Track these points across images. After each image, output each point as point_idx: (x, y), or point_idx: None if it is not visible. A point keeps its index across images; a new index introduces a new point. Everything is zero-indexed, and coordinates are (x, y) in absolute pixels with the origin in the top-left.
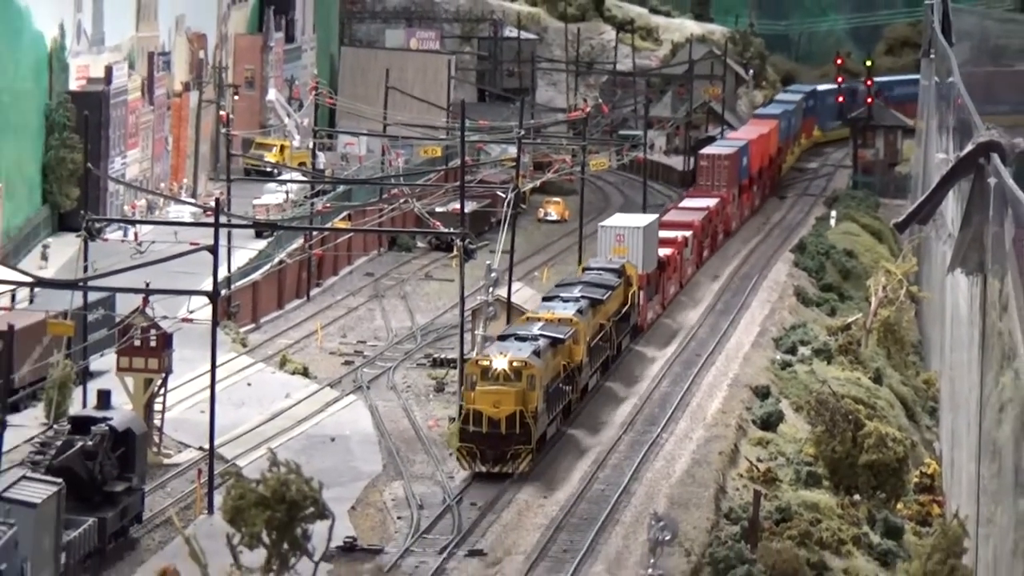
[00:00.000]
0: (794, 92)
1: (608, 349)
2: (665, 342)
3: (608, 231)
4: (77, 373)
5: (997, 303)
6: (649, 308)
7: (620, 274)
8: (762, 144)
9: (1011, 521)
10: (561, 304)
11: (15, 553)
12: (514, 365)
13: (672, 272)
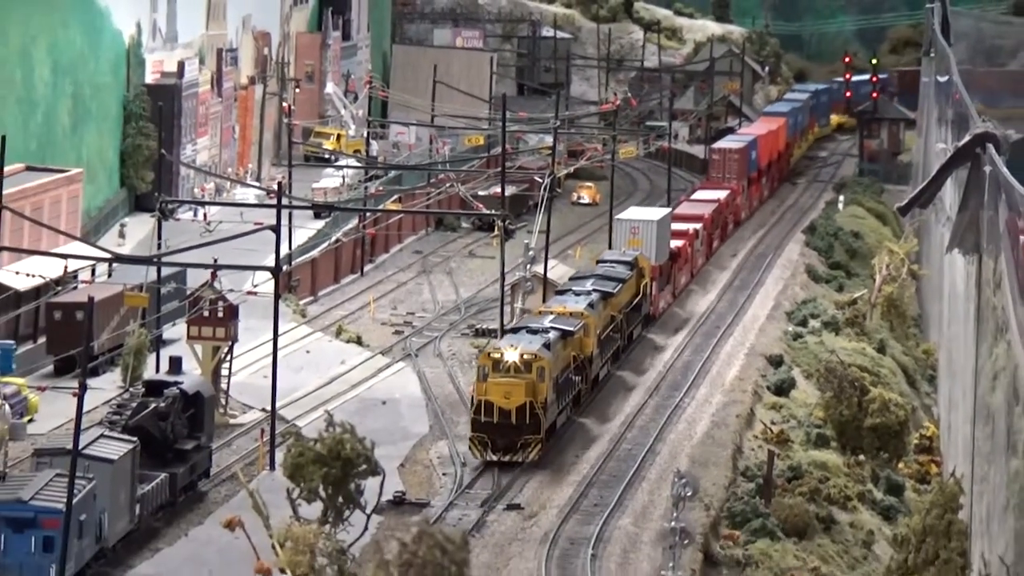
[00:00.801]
0: (802, 91)
1: (619, 340)
2: (675, 329)
3: (623, 224)
4: (151, 341)
5: (991, 280)
6: (661, 298)
7: (632, 267)
8: (771, 139)
9: (1003, 479)
10: (573, 298)
11: (94, 505)
12: (524, 358)
13: (684, 263)
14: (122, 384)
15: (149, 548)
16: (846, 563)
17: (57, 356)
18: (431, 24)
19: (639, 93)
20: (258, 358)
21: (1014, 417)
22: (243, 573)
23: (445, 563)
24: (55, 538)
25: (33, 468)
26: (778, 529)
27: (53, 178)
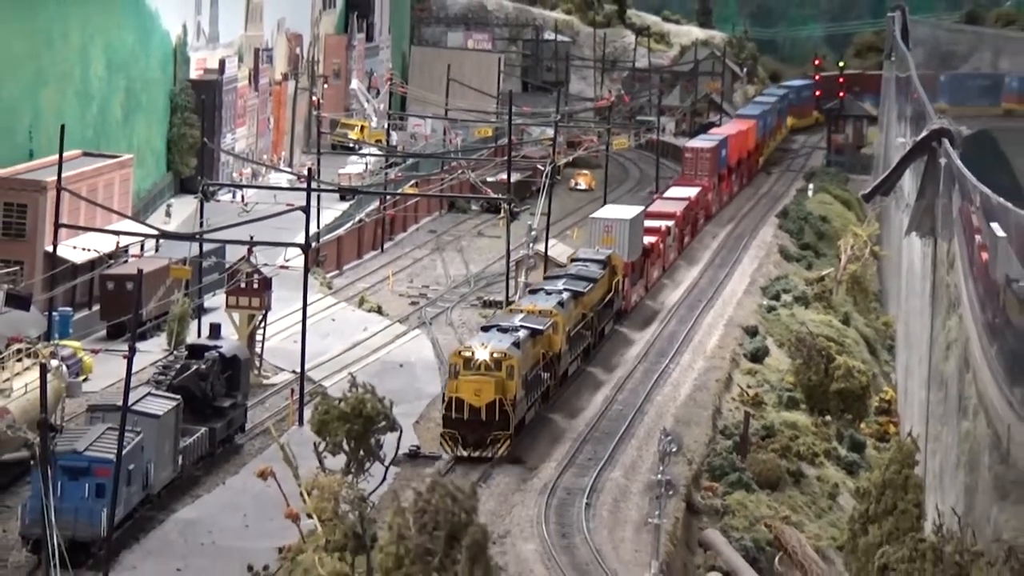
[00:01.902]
0: (770, 95)
1: (590, 336)
2: (646, 321)
3: (597, 223)
4: (193, 309)
5: (945, 261)
6: (634, 292)
7: (605, 265)
8: (740, 139)
9: (954, 439)
10: (544, 296)
11: (141, 456)
12: (495, 356)
13: (656, 258)
14: (167, 348)
15: (190, 495)
16: (813, 512)
17: (109, 322)
18: (445, 28)
19: (631, 91)
20: (289, 325)
21: (964, 383)
22: (274, 518)
23: (455, 510)
24: (106, 485)
25: (87, 422)
26: (753, 482)
27: (107, 163)
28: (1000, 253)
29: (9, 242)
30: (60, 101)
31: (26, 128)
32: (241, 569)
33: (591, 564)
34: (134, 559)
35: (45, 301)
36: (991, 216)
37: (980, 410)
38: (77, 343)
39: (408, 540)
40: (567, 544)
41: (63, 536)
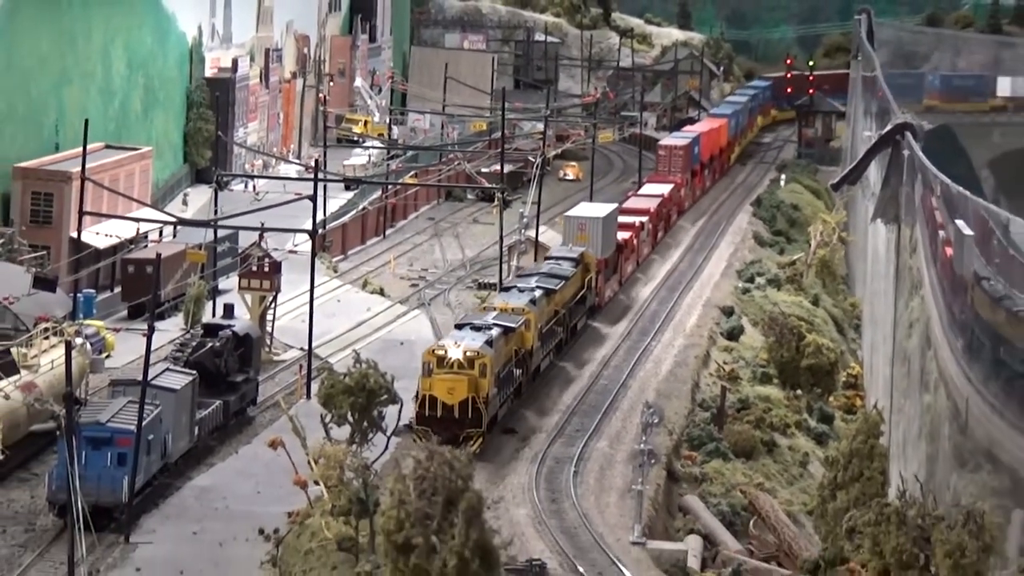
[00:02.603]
0: (741, 94)
1: (562, 332)
2: (619, 315)
3: (572, 221)
4: (208, 291)
5: (908, 246)
6: (607, 287)
7: (578, 263)
8: (713, 136)
9: (916, 411)
10: (517, 294)
11: (160, 427)
12: (467, 355)
13: (630, 253)
14: (184, 326)
15: (205, 463)
16: (786, 480)
17: (130, 303)
18: (443, 29)
19: (615, 88)
20: (297, 306)
21: (926, 360)
22: (284, 485)
23: (453, 477)
24: (127, 454)
25: (109, 396)
26: (729, 451)
27: (128, 155)
28: (966, 250)
29: (37, 228)
30: (84, 97)
31: (52, 122)
32: (253, 532)
33: (579, 527)
34: (153, 523)
35: (70, 283)
36: (951, 204)
37: (940, 384)
38: (100, 322)
39: (408, 505)
40: (556, 509)
41: (87, 502)
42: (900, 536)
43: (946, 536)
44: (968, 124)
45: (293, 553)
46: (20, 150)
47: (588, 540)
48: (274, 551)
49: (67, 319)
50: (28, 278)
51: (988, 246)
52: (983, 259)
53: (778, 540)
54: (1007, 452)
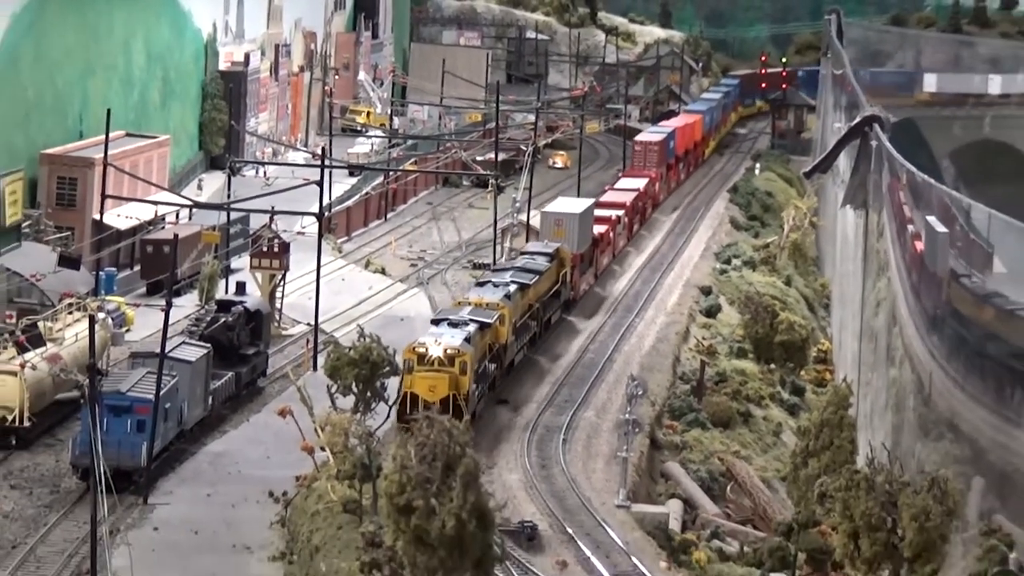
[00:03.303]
0: (715, 91)
1: (535, 326)
2: (594, 308)
3: (548, 216)
4: (221, 269)
5: (875, 230)
6: (583, 281)
7: (552, 258)
8: (687, 131)
9: (883, 384)
10: (492, 289)
11: (176, 396)
12: (448, 352)
13: (606, 246)
14: (199, 303)
15: (219, 430)
16: (760, 448)
17: (148, 281)
18: (440, 27)
19: (601, 82)
20: (304, 284)
21: (892, 336)
22: (292, 451)
23: (451, 444)
24: (146, 421)
25: (129, 367)
26: (707, 421)
27: (147, 142)
28: (940, 247)
29: (62, 211)
30: (106, 88)
31: (76, 112)
32: (263, 495)
33: (567, 491)
34: (170, 486)
35: (93, 262)
36: (916, 192)
37: (905, 360)
38: (121, 298)
39: (409, 469)
40: (546, 474)
41: (108, 465)
42: (868, 501)
43: (912, 501)
44: (931, 117)
45: (301, 514)
46: (47, 137)
47: (576, 503)
48: (283, 512)
49: (90, 295)
50: (54, 257)
51: (952, 230)
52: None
53: (753, 504)
54: (967, 423)
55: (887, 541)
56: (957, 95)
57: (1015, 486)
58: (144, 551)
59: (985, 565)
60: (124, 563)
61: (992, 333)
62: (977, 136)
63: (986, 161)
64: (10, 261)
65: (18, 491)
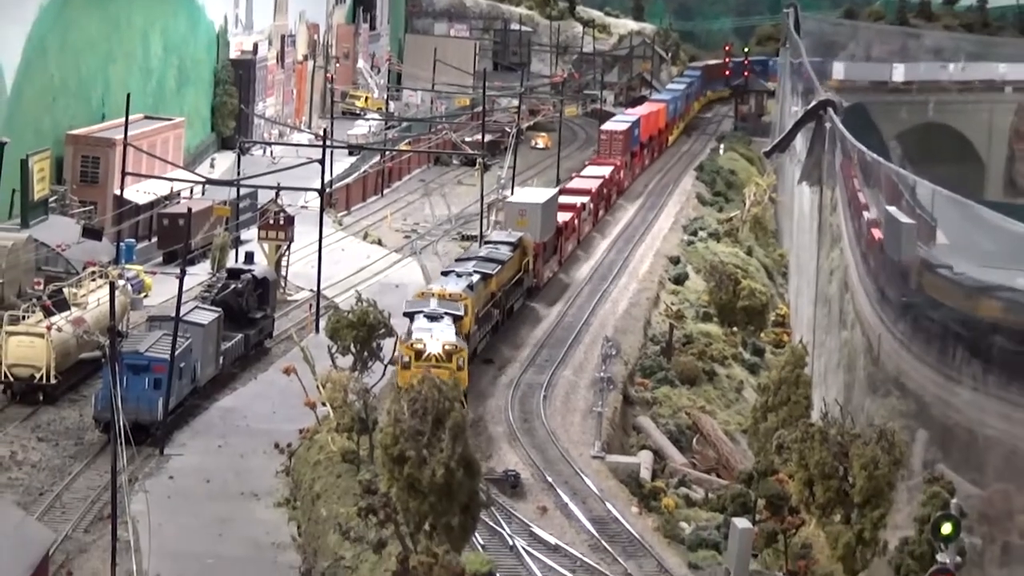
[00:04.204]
0: (679, 82)
1: (497, 315)
2: (559, 293)
3: (512, 207)
4: (231, 240)
5: (829, 205)
6: (547, 268)
7: (515, 247)
8: (652, 119)
9: (836, 345)
10: (455, 279)
11: (190, 356)
12: (446, 348)
13: (571, 233)
14: (211, 271)
15: (229, 387)
16: (724, 403)
17: (165, 251)
18: (432, 20)
19: (579, 70)
20: (307, 253)
21: (844, 302)
22: (296, 406)
23: (441, 400)
24: (162, 379)
25: (147, 329)
26: (676, 379)
27: (163, 124)
28: (905, 238)
29: (86, 187)
30: (126, 75)
31: (99, 96)
32: (269, 446)
33: (547, 443)
34: (184, 438)
35: (114, 234)
36: (867, 170)
37: (856, 323)
38: (139, 267)
39: (402, 423)
40: (528, 427)
41: (127, 419)
42: (822, 451)
43: (862, 451)
44: (879, 102)
45: (303, 464)
46: (72, 119)
47: (555, 454)
48: (287, 462)
49: (111, 264)
50: (78, 229)
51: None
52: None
53: (717, 455)
54: (912, 381)
55: (839, 488)
56: (864, 82)
57: (956, 438)
58: (160, 497)
59: (929, 510)
60: (142, 508)
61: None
62: (921, 120)
63: (929, 142)
64: (38, 233)
65: (45, 443)
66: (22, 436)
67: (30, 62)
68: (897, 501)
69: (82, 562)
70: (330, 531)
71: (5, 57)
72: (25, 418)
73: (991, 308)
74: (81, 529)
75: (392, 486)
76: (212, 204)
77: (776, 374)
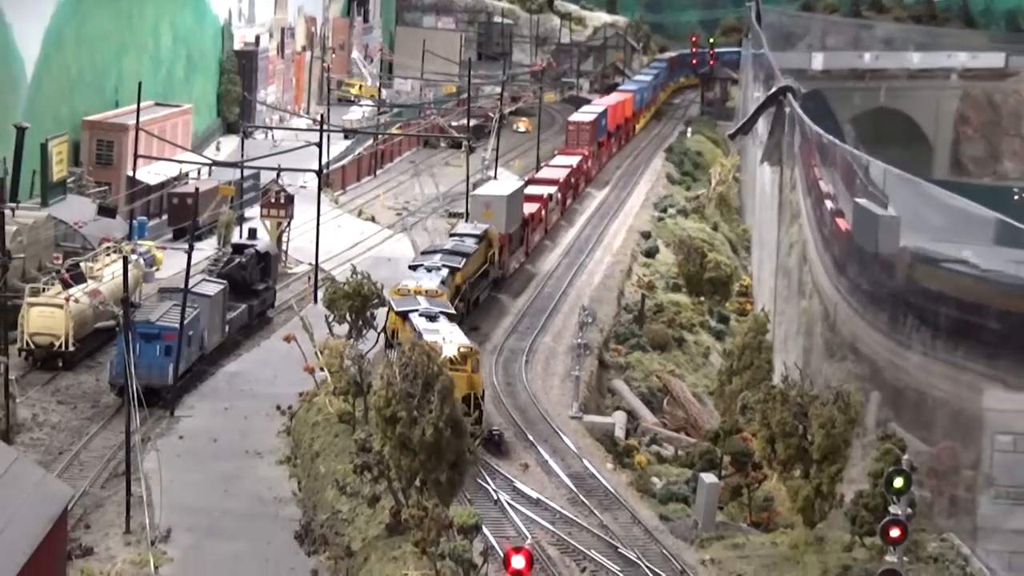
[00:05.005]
0: (647, 73)
1: (462, 307)
2: (524, 283)
3: (478, 200)
4: (236, 218)
5: (788, 183)
6: (513, 259)
7: (480, 239)
8: (619, 108)
9: (795, 313)
10: (426, 274)
11: (198, 325)
12: (461, 351)
13: (537, 224)
14: (217, 246)
15: (234, 354)
16: (692, 367)
17: (174, 227)
18: (421, 13)
19: (557, 59)
20: (306, 230)
21: (803, 273)
22: (296, 371)
23: (430, 365)
24: (172, 346)
25: (158, 300)
26: (647, 345)
27: (173, 111)
28: (883, 230)
29: (101, 169)
30: (138, 65)
31: (113, 85)
32: (271, 408)
33: (529, 404)
34: (192, 401)
35: (127, 212)
36: (823, 151)
37: (814, 293)
38: (151, 242)
39: (394, 386)
40: (511, 390)
41: (140, 384)
42: (783, 411)
43: (819, 411)
44: (835, 89)
45: (303, 424)
46: (88, 106)
47: (536, 415)
48: (288, 423)
49: (124, 240)
50: (94, 207)
51: (852, 183)
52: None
53: (686, 415)
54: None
55: (799, 445)
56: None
57: (906, 399)
58: (171, 456)
59: (882, 465)
60: (153, 466)
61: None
62: (873, 105)
63: (881, 126)
64: (57, 211)
65: (64, 405)
66: (43, 399)
67: (48, 54)
68: (852, 457)
69: (99, 516)
70: (328, 486)
71: (26, 49)
72: (46, 383)
73: (939, 279)
74: (98, 485)
75: (385, 445)
76: (218, 184)
77: (740, 340)
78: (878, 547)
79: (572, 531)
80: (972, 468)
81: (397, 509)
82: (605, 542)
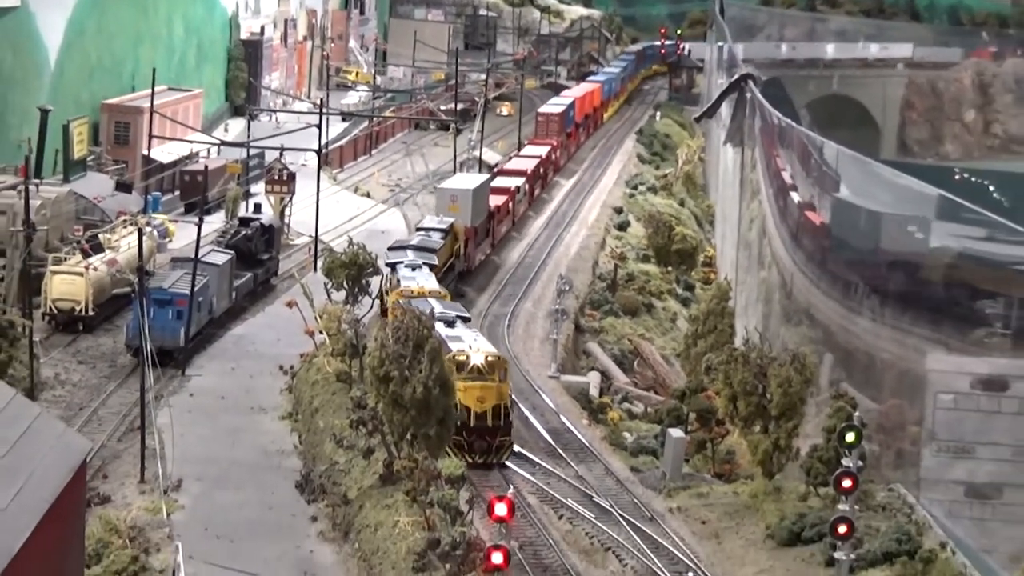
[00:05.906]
0: (616, 64)
1: None
2: (490, 274)
3: (443, 193)
4: (242, 193)
5: (749, 163)
6: (478, 252)
7: (446, 233)
8: (587, 99)
9: (755, 282)
10: (413, 272)
11: (207, 291)
12: (489, 360)
13: (504, 215)
14: (225, 219)
15: (240, 318)
16: (660, 331)
17: (186, 202)
18: (412, 6)
19: (537, 49)
20: (307, 204)
21: (762, 246)
22: (296, 333)
23: (420, 328)
24: (183, 311)
25: (170, 269)
26: (619, 311)
27: (184, 95)
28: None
29: (118, 148)
30: (153, 53)
31: (130, 72)
32: (274, 368)
33: (511, 364)
34: (202, 361)
35: (142, 188)
36: (782, 134)
37: (773, 264)
38: (164, 216)
39: (387, 348)
40: None
41: (154, 345)
42: (744, 372)
43: (777, 372)
44: (792, 76)
45: (304, 383)
46: (106, 91)
47: (518, 374)
48: (290, 382)
49: (140, 213)
50: (111, 184)
51: (808, 163)
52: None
53: (655, 375)
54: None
55: (759, 403)
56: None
57: (857, 361)
58: (182, 412)
59: (835, 421)
60: (166, 421)
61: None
62: (827, 91)
63: (834, 111)
64: (78, 187)
65: (84, 365)
66: (64, 360)
67: (71, 43)
68: (807, 414)
69: (116, 467)
70: (326, 440)
71: (49, 38)
72: (67, 344)
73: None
74: (115, 439)
75: (379, 402)
76: (226, 163)
77: (705, 307)
78: (831, 496)
79: (550, 481)
80: (916, 424)
81: (390, 461)
82: (581, 491)
